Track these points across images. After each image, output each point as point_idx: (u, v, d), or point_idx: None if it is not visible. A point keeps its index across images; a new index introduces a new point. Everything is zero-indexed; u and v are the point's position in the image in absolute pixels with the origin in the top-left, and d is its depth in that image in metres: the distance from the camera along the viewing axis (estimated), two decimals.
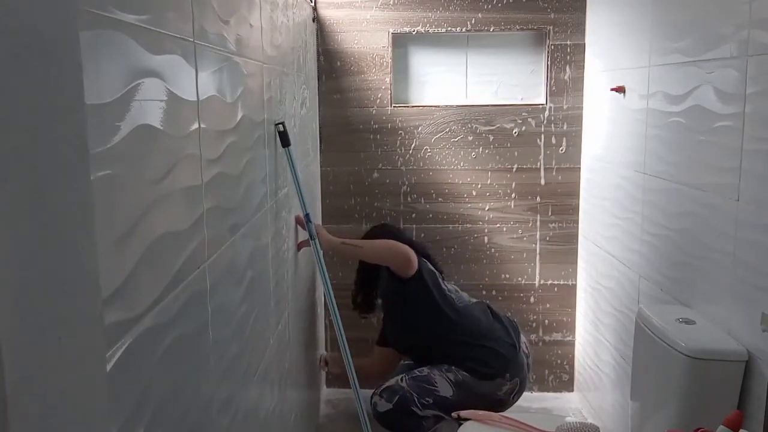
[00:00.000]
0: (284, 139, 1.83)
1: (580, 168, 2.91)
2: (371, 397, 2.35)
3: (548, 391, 3.04)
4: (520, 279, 2.99)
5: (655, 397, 1.82)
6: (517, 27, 2.84)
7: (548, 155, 2.90)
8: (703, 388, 1.63)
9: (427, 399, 2.27)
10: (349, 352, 2.29)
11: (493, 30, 2.85)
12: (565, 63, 2.85)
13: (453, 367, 2.32)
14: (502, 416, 1.85)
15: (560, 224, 2.95)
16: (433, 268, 2.48)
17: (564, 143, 2.90)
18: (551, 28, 2.83)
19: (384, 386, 2.34)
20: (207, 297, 1.08)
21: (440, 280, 2.46)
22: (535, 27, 2.84)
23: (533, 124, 2.89)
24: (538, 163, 2.91)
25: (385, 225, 2.77)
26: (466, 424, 1.87)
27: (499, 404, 2.32)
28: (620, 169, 2.44)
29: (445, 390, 2.28)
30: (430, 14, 2.83)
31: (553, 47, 2.84)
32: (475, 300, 2.53)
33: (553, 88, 2.86)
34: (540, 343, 3.01)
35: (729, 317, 1.67)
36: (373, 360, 2.70)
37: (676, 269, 1.97)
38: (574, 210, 2.94)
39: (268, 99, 1.67)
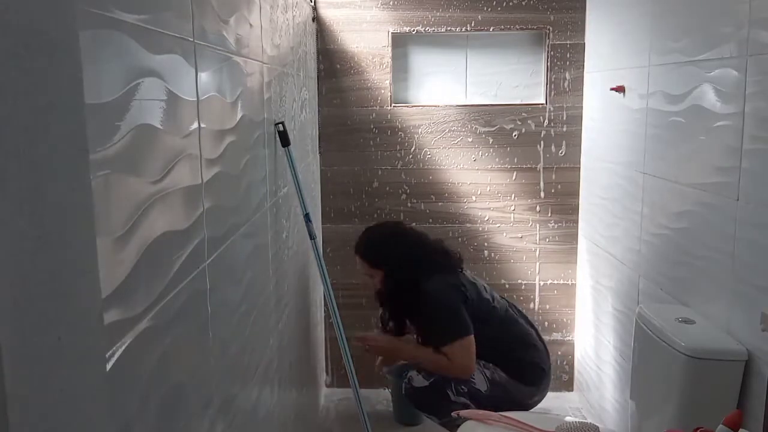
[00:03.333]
0: (284, 139, 1.83)
1: (579, 168, 2.91)
2: (404, 373, 2.38)
3: (548, 391, 3.03)
4: (520, 279, 2.99)
5: (655, 397, 1.82)
6: (517, 27, 2.84)
7: (548, 155, 2.90)
8: (703, 387, 1.63)
9: (462, 387, 2.29)
10: (349, 352, 2.29)
11: (492, 30, 2.85)
12: (565, 63, 2.85)
13: (490, 365, 2.35)
14: (502, 416, 1.85)
15: (560, 224, 2.95)
16: (471, 279, 2.44)
17: (564, 143, 2.90)
18: (551, 28, 2.83)
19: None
20: (207, 297, 1.08)
21: (481, 289, 2.43)
22: (535, 27, 2.84)
23: (533, 125, 2.89)
24: (538, 164, 2.91)
25: (384, 225, 2.67)
26: (466, 424, 1.86)
27: (522, 409, 2.34)
28: (620, 169, 2.44)
29: (481, 384, 2.31)
30: (429, 14, 2.83)
31: (552, 47, 2.84)
32: (503, 299, 2.53)
33: (553, 88, 2.86)
34: None
35: (729, 317, 1.67)
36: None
37: (676, 269, 1.97)
38: (574, 210, 2.94)
39: (267, 99, 1.67)
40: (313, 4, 2.78)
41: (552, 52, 2.85)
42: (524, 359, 2.39)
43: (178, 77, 0.94)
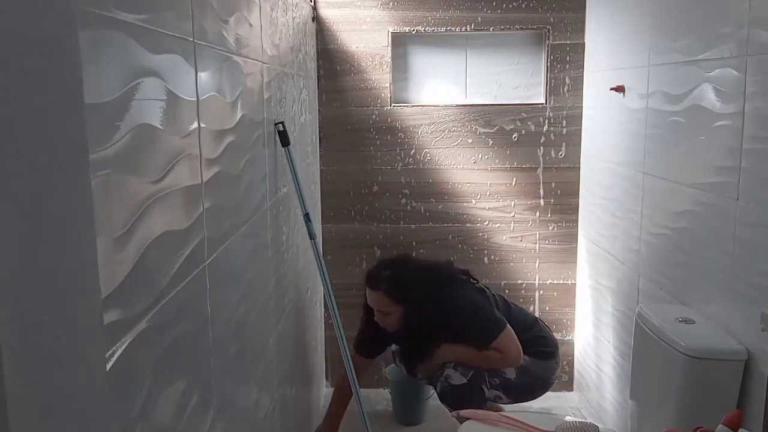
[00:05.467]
0: (284, 139, 1.83)
1: (579, 168, 2.91)
2: (438, 372, 2.36)
3: (548, 391, 3.03)
4: (520, 279, 2.99)
5: (655, 397, 1.82)
6: (517, 27, 2.84)
7: (548, 155, 2.90)
8: (703, 387, 1.63)
9: (495, 379, 2.34)
10: (349, 352, 2.29)
11: (492, 30, 2.85)
12: (565, 63, 2.85)
13: None
14: (502, 416, 1.85)
15: (560, 224, 2.95)
16: (484, 287, 2.47)
17: (564, 143, 2.90)
18: (551, 28, 2.83)
19: (453, 363, 2.37)
20: (207, 297, 1.08)
21: (489, 292, 2.47)
22: (535, 27, 2.84)
23: (533, 124, 2.89)
24: (538, 164, 2.91)
25: (403, 260, 2.54)
26: (466, 424, 1.86)
27: (546, 388, 2.46)
28: (620, 169, 2.44)
29: (510, 372, 2.36)
30: (429, 14, 2.83)
31: (552, 47, 2.84)
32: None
33: (553, 88, 2.86)
34: None
35: (728, 316, 1.67)
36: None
37: (676, 269, 1.97)
38: (574, 210, 2.94)
39: (267, 98, 1.67)
40: (313, 4, 2.78)
41: (552, 52, 2.85)
42: (536, 335, 2.46)
43: (178, 77, 0.94)
